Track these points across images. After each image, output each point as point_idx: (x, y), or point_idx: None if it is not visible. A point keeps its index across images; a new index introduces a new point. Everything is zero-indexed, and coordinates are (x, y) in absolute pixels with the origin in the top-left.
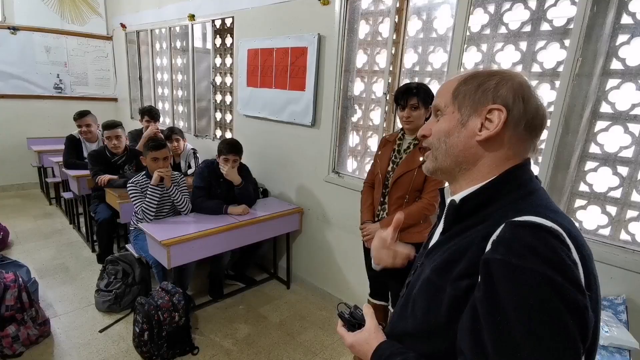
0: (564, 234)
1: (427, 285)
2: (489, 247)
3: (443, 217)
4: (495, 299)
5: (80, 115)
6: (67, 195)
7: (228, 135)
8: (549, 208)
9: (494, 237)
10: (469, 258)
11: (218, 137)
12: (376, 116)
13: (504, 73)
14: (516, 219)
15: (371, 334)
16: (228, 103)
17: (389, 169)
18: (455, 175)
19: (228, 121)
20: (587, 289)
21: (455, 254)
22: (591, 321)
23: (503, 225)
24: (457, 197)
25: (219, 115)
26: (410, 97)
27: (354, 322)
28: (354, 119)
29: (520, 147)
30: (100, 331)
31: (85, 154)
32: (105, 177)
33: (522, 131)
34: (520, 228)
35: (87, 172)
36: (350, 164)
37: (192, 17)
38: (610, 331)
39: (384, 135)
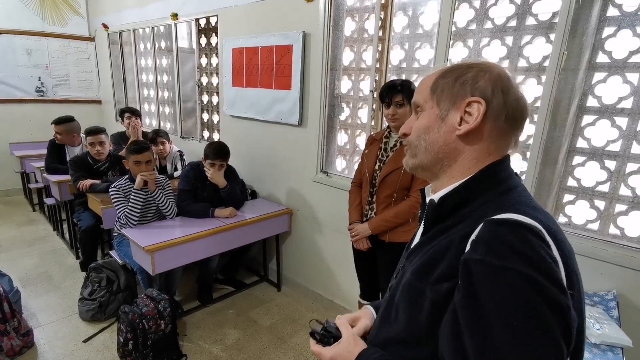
0: (544, 231)
1: (408, 289)
2: (468, 247)
3: (423, 218)
4: (475, 300)
5: (59, 122)
6: (49, 201)
7: (215, 136)
8: (529, 205)
9: (473, 236)
10: (448, 260)
11: (205, 138)
12: (364, 114)
13: (482, 65)
14: (495, 216)
15: (350, 343)
16: (215, 104)
17: (376, 167)
18: (436, 172)
19: (215, 122)
20: (569, 287)
21: (435, 256)
22: (574, 321)
23: (482, 223)
24: (436, 196)
25: (205, 117)
26: (395, 94)
27: (329, 335)
28: (342, 117)
29: (502, 140)
30: (84, 341)
31: (69, 158)
32: (87, 182)
33: (503, 124)
34: (499, 226)
35: (68, 177)
36: (339, 164)
37: (175, 16)
38: (602, 328)
39: (370, 133)
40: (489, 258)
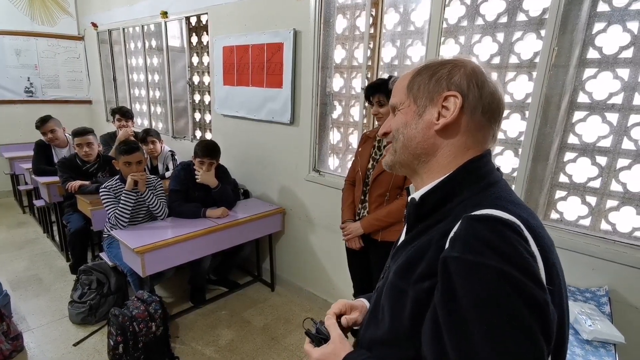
0: (522, 226)
1: (391, 289)
2: (447, 244)
3: (405, 217)
4: (453, 298)
5: (43, 122)
6: (38, 203)
7: (207, 136)
8: (509, 200)
9: (451, 233)
10: (428, 258)
11: (197, 138)
12: (356, 112)
13: (456, 60)
14: (473, 213)
15: (337, 345)
16: (207, 103)
17: (369, 166)
18: (415, 168)
19: (207, 121)
20: (548, 282)
21: (416, 255)
22: (553, 316)
23: (460, 220)
24: (417, 195)
25: (197, 116)
26: (374, 93)
27: (320, 337)
28: (335, 115)
29: (479, 135)
30: (75, 345)
31: (56, 160)
32: (76, 183)
33: (480, 117)
34: (477, 222)
35: (57, 178)
36: (332, 162)
37: (164, 14)
38: (594, 325)
39: (364, 131)
40: (465, 255)
